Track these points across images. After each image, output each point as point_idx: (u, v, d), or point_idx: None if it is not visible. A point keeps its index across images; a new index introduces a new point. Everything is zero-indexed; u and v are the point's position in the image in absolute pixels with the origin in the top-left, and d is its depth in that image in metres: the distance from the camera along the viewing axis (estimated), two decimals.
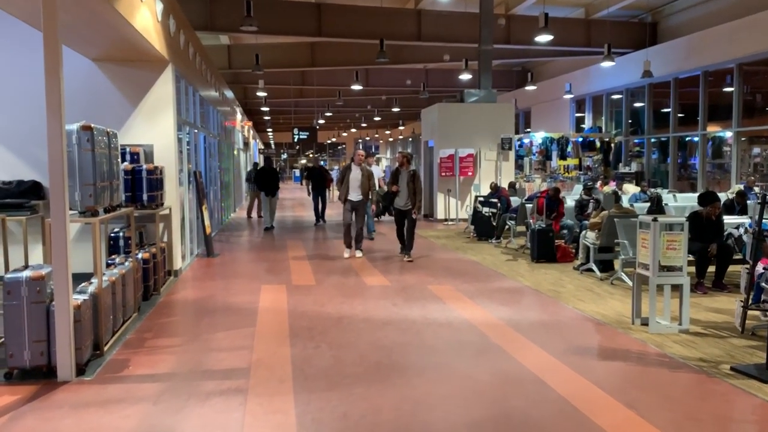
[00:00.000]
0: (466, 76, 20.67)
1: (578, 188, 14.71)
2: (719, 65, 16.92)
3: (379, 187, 10.68)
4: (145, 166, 7.91)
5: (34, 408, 4.40)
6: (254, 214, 19.24)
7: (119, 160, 6.84)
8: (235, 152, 22.82)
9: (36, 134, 6.40)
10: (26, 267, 5.15)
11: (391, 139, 55.25)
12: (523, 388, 4.77)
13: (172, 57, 9.09)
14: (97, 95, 8.64)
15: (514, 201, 13.78)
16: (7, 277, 4.92)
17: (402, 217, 10.92)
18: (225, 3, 15.83)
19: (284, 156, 68.99)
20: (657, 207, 10.66)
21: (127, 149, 8.20)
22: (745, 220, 9.29)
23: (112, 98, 8.76)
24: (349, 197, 10.78)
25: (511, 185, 15.80)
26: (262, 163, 23.62)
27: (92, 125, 5.81)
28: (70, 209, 5.33)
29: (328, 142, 70.90)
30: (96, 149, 5.81)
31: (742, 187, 13.11)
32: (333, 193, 21.92)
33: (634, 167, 20.57)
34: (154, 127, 8.93)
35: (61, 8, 4.97)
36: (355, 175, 10.84)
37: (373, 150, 56.05)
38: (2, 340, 5.22)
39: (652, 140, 20.59)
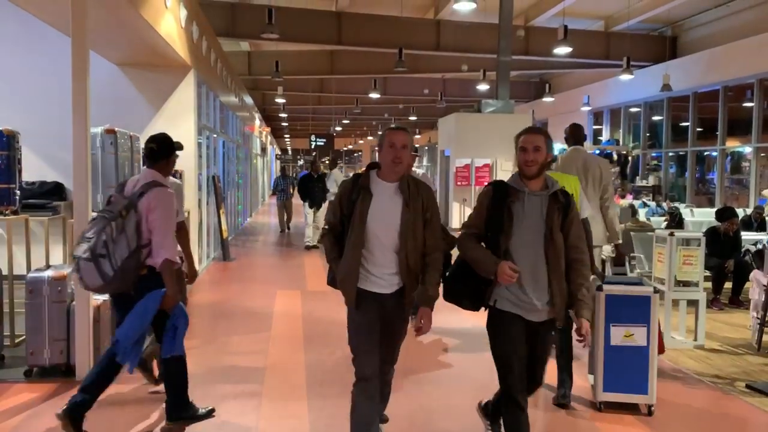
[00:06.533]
0: (483, 87, 20.67)
1: None
2: (739, 80, 16.80)
3: None
4: None
5: (53, 406, 4.46)
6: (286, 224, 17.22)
7: (141, 163, 6.94)
8: (261, 158, 22.58)
9: (60, 136, 6.50)
10: (48, 267, 5.24)
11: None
12: (537, 399, 4.77)
13: (195, 63, 9.21)
14: (120, 99, 8.74)
15: None
16: (29, 277, 5.01)
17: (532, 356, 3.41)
18: (247, 10, 15.98)
19: (300, 162, 69.42)
20: (677, 224, 10.46)
21: None
22: (762, 236, 9.22)
23: (134, 102, 8.88)
24: (368, 282, 3.71)
25: None
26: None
27: (116, 129, 5.92)
28: (92, 211, 5.42)
29: (344, 149, 71.07)
30: (119, 152, 5.92)
31: (764, 205, 12.96)
32: None
33: (651, 181, 20.45)
34: (175, 131, 8.86)
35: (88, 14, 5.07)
36: (383, 206, 3.38)
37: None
38: (23, 338, 5.31)
39: (670, 154, 20.47)
